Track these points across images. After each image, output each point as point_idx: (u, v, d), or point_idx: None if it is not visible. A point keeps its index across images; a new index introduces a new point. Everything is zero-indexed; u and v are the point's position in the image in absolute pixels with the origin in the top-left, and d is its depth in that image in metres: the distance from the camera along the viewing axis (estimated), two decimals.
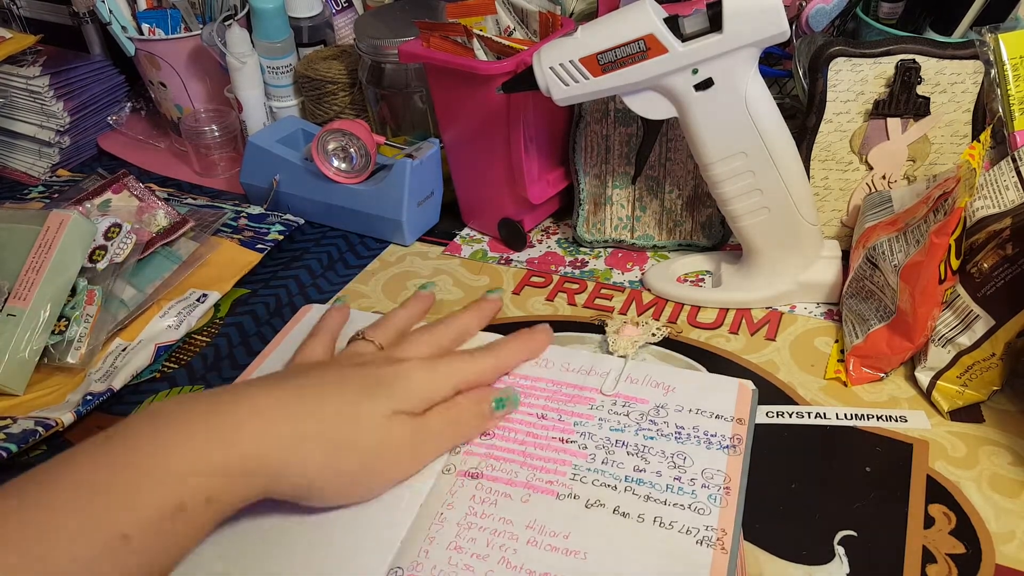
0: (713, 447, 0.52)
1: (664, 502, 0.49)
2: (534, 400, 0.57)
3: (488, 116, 0.70)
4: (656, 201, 0.73)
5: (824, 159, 0.67)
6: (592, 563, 0.46)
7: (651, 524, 0.47)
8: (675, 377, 0.58)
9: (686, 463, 0.51)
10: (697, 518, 0.48)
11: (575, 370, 0.59)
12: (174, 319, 0.69)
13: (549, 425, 0.55)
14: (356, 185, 0.78)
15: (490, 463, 0.52)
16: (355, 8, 1.02)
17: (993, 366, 0.55)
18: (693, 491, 0.49)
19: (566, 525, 0.48)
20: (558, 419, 0.55)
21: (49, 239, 0.66)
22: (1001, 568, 0.46)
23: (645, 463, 0.51)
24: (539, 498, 0.50)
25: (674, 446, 0.52)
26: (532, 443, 0.53)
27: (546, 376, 0.58)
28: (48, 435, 0.58)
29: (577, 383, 0.58)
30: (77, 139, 0.98)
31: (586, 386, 0.58)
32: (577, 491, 0.50)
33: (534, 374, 0.59)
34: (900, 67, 0.62)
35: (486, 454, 0.53)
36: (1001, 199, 0.53)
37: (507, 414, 0.55)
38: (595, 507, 0.49)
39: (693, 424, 0.54)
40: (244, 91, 0.90)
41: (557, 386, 0.58)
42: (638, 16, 0.56)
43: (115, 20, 0.91)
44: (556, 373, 0.59)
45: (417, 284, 0.73)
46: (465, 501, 0.49)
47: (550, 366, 0.59)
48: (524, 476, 0.51)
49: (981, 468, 0.52)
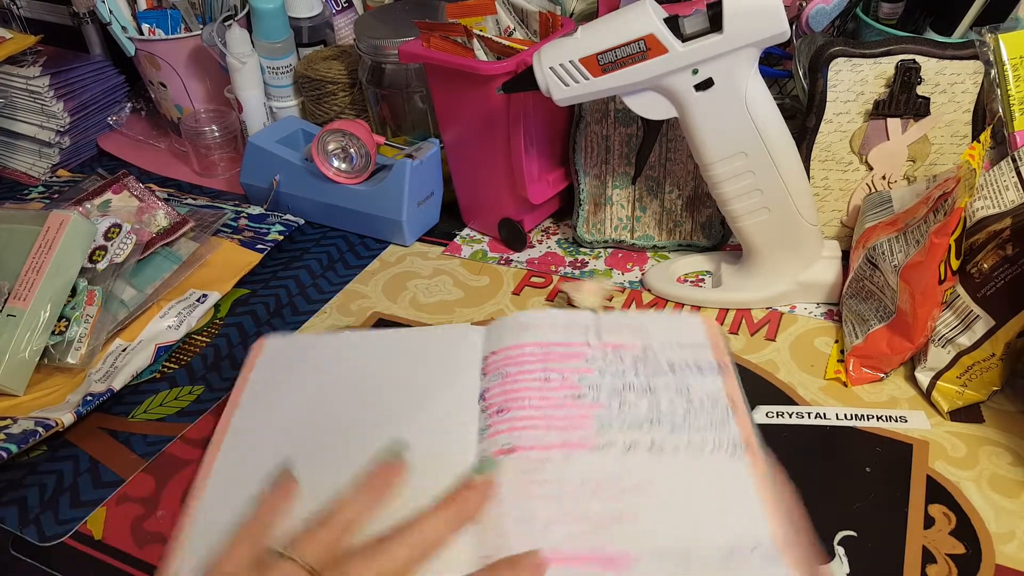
0: (705, 373, 0.56)
1: (687, 428, 0.52)
2: (531, 365, 0.58)
3: (488, 116, 0.70)
4: (656, 201, 0.73)
5: (824, 159, 0.67)
6: (656, 496, 0.48)
7: (686, 451, 0.51)
8: (645, 319, 0.62)
9: (690, 392, 0.55)
10: (720, 435, 0.52)
11: (555, 328, 0.61)
12: (174, 319, 0.69)
13: (556, 386, 0.56)
14: (356, 185, 0.78)
15: (517, 435, 0.53)
16: (355, 8, 1.02)
17: (993, 366, 0.55)
18: (707, 412, 0.53)
19: (615, 471, 0.50)
20: (562, 378, 0.56)
21: (49, 239, 0.66)
22: (1001, 568, 0.46)
23: (657, 400, 0.54)
24: (579, 454, 0.51)
25: (673, 379, 0.56)
26: (548, 406, 0.55)
27: (531, 340, 0.60)
28: (48, 435, 0.58)
29: (563, 340, 0.59)
30: (77, 139, 0.98)
31: (572, 342, 0.59)
32: (609, 439, 0.52)
33: (520, 340, 0.60)
34: (900, 67, 0.62)
35: (509, 428, 0.53)
36: (1001, 199, 0.53)
37: None
38: (632, 450, 0.51)
39: (681, 357, 0.57)
40: (244, 91, 0.90)
41: (546, 347, 0.59)
42: (638, 16, 0.56)
43: (115, 20, 0.91)
44: (540, 334, 0.60)
45: (418, 284, 0.73)
46: (515, 476, 0.50)
47: (531, 329, 0.61)
48: (555, 438, 0.52)
49: (981, 468, 0.52)
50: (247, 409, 0.58)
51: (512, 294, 0.71)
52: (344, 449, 0.54)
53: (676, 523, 0.47)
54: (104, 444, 0.59)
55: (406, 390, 0.58)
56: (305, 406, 0.57)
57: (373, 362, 0.61)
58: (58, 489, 0.56)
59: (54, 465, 0.58)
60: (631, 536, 0.46)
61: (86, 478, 0.57)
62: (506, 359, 0.59)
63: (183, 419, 0.61)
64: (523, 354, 0.59)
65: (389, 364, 0.60)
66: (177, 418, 0.61)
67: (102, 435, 0.60)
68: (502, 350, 0.59)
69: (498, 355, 0.59)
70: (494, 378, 0.57)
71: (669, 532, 0.47)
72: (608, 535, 0.46)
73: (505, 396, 0.56)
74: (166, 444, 0.59)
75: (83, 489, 0.56)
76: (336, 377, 0.60)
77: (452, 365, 0.60)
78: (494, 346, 0.60)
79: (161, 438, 0.59)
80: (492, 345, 0.60)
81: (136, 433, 0.60)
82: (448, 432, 0.54)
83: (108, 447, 0.59)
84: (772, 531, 0.46)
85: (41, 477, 0.57)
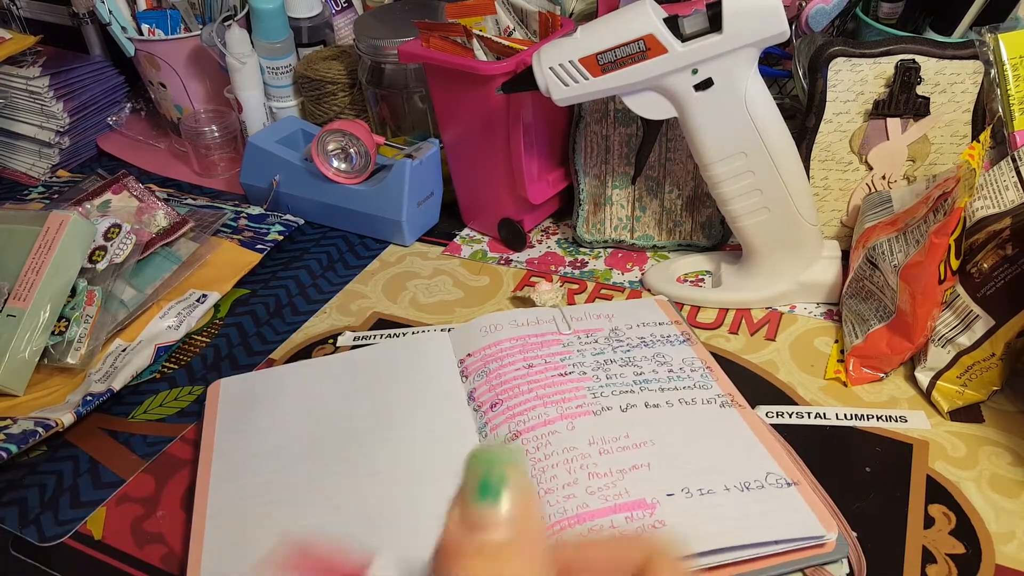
0: (675, 343, 0.60)
1: (675, 388, 0.56)
2: (511, 359, 0.59)
3: (488, 116, 0.70)
4: (656, 201, 0.73)
5: (824, 159, 0.67)
6: (662, 445, 0.51)
7: (679, 406, 0.54)
8: (606, 308, 0.65)
9: (667, 359, 0.59)
10: (706, 392, 0.55)
11: (524, 323, 0.63)
12: (174, 319, 0.69)
13: (540, 369, 0.58)
14: (356, 185, 0.78)
15: (518, 420, 0.54)
16: (355, 8, 1.02)
17: (993, 366, 0.55)
18: (687, 375, 0.57)
19: (619, 429, 0.52)
20: (544, 363, 0.58)
21: (49, 240, 0.66)
22: (1001, 568, 0.46)
23: (639, 367, 0.57)
24: (581, 421, 0.53)
25: (648, 351, 0.59)
26: (538, 387, 0.56)
27: (504, 336, 0.61)
28: (48, 435, 0.58)
29: (536, 333, 0.61)
30: (77, 140, 0.98)
31: (545, 332, 0.61)
32: (606, 404, 0.54)
33: (491, 340, 0.61)
34: (900, 67, 0.62)
35: (507, 417, 0.54)
36: (1001, 199, 0.53)
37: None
38: (630, 409, 0.54)
39: (649, 332, 0.62)
40: (244, 91, 0.90)
41: (519, 340, 0.61)
42: (638, 16, 0.56)
43: (115, 20, 0.91)
44: (510, 331, 0.62)
45: (418, 284, 0.73)
46: (528, 456, 0.51)
47: (500, 329, 0.62)
48: (554, 412, 0.54)
49: (981, 468, 0.52)
50: (225, 447, 0.56)
51: (512, 294, 0.71)
52: (346, 458, 0.54)
53: (687, 466, 0.50)
54: (104, 444, 0.59)
55: (389, 403, 0.58)
56: (287, 430, 0.56)
57: (345, 381, 0.60)
58: (58, 489, 0.56)
59: (54, 465, 0.58)
60: (648, 483, 0.48)
61: (86, 478, 0.56)
62: (484, 358, 0.59)
63: (183, 419, 0.61)
64: (501, 350, 0.60)
65: (363, 380, 0.60)
66: (177, 418, 0.61)
67: (102, 435, 0.60)
68: (477, 351, 0.60)
69: (474, 356, 0.60)
70: (478, 378, 0.58)
71: (682, 474, 0.49)
72: (626, 485, 0.48)
73: (494, 391, 0.56)
74: (166, 444, 0.59)
75: (83, 489, 0.56)
76: (313, 399, 0.59)
77: (428, 373, 0.60)
78: (468, 348, 0.61)
79: (161, 438, 0.59)
80: (465, 348, 0.61)
81: (136, 433, 0.60)
82: (447, 437, 0.54)
83: (108, 447, 0.59)
84: (779, 464, 0.49)
85: (41, 477, 0.57)
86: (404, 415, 0.56)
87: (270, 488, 0.52)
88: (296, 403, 0.59)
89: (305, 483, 0.52)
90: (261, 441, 0.56)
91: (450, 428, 0.55)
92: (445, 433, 0.55)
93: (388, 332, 0.67)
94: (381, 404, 0.58)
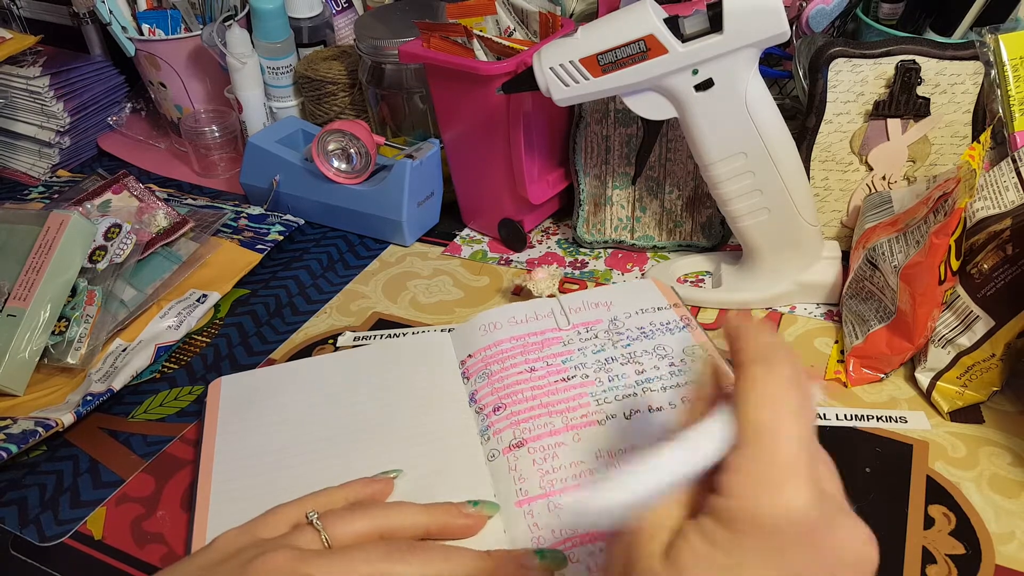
0: (674, 331, 0.60)
1: (677, 385, 0.55)
2: (513, 360, 0.58)
3: (488, 116, 0.70)
4: (656, 202, 0.73)
5: (824, 160, 0.67)
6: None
7: (682, 406, 0.53)
8: (604, 294, 0.65)
9: (667, 350, 0.58)
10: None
11: (523, 320, 0.62)
12: (174, 319, 0.69)
13: (543, 374, 0.57)
14: (356, 185, 0.78)
15: (522, 428, 0.53)
16: (355, 8, 1.02)
17: (993, 367, 0.55)
18: (689, 366, 0.57)
19: (627, 439, 0.52)
20: (546, 365, 0.58)
21: (49, 239, 0.66)
22: (1001, 568, 0.46)
23: (640, 365, 0.57)
24: (586, 432, 0.53)
25: (648, 343, 0.58)
26: (542, 394, 0.55)
27: (504, 336, 0.61)
28: (48, 435, 0.58)
29: (535, 331, 0.61)
30: (77, 140, 0.98)
31: (544, 330, 0.61)
32: (610, 411, 0.53)
33: (493, 339, 0.60)
34: (900, 68, 0.62)
35: (511, 423, 0.54)
36: (1001, 200, 0.53)
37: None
38: (634, 415, 0.53)
39: (648, 321, 0.61)
40: (244, 91, 0.90)
41: (519, 340, 0.60)
42: (638, 16, 0.56)
43: (115, 20, 0.91)
44: (509, 330, 0.61)
45: (418, 285, 0.73)
46: (530, 468, 0.50)
47: (499, 327, 0.61)
48: (559, 422, 0.53)
49: (981, 469, 0.52)
50: (227, 444, 0.56)
51: (512, 294, 0.71)
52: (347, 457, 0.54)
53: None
54: (104, 444, 0.59)
55: (390, 403, 0.57)
56: (289, 429, 0.56)
57: (347, 379, 0.60)
58: (58, 489, 0.56)
59: (54, 465, 0.58)
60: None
61: (86, 478, 0.56)
62: (485, 360, 0.59)
63: (183, 419, 0.61)
64: (501, 351, 0.59)
65: (363, 379, 0.60)
66: (177, 418, 0.61)
67: (102, 435, 0.60)
68: (478, 352, 0.60)
69: (475, 358, 0.60)
70: (479, 379, 0.58)
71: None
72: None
73: (496, 394, 0.56)
74: (166, 444, 0.59)
75: (83, 489, 0.56)
76: (314, 397, 0.59)
77: (430, 374, 0.60)
78: (469, 349, 0.61)
79: (161, 438, 0.59)
80: (466, 349, 0.61)
81: (136, 433, 0.60)
82: (448, 438, 0.54)
83: (108, 447, 0.59)
84: None
85: (41, 477, 0.57)
86: (405, 415, 0.56)
87: (271, 487, 0.52)
88: (297, 402, 0.59)
89: (306, 483, 0.52)
90: (262, 440, 0.56)
91: (451, 429, 0.55)
92: (446, 434, 0.55)
93: (388, 332, 0.67)
94: (382, 404, 0.58)
